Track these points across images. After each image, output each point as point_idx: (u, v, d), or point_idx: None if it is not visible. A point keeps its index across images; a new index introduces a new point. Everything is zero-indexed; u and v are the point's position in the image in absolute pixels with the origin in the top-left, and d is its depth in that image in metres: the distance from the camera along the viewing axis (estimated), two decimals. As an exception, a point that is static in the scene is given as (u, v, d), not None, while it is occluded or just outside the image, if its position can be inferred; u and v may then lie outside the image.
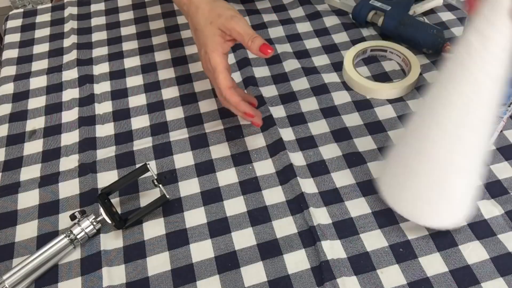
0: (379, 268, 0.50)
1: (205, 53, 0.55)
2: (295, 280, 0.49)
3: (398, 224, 0.53)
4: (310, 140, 0.62)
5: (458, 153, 0.44)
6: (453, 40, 0.75)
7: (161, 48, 0.77)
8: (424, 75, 0.69)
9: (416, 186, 0.48)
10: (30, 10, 0.87)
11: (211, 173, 0.59)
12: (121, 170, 0.60)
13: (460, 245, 0.51)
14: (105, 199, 0.54)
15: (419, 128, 0.45)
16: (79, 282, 0.50)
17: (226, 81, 0.52)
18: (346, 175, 0.58)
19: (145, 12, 0.84)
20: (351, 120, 0.64)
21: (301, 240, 0.52)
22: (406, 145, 0.48)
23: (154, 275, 0.51)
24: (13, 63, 0.76)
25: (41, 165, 0.61)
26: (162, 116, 0.66)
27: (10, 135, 0.65)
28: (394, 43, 0.72)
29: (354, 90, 0.68)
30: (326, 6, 0.83)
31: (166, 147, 0.62)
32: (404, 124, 0.61)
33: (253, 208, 0.55)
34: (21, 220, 0.56)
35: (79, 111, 0.67)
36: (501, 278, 0.49)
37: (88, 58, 0.76)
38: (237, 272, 0.50)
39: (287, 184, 0.57)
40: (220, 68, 0.52)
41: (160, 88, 0.70)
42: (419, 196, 0.49)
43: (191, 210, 0.56)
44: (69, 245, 0.52)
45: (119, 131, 0.65)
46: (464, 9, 0.49)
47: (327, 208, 0.55)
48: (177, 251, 0.52)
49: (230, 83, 0.52)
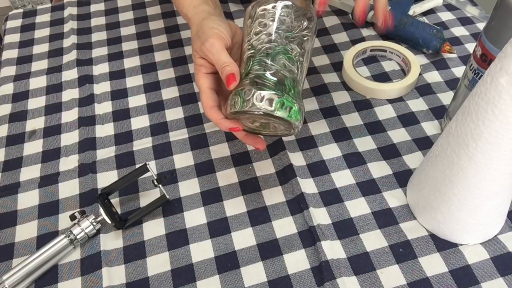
0: (379, 268, 0.50)
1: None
2: (295, 280, 0.49)
3: (398, 224, 0.53)
4: (310, 140, 0.62)
5: (488, 180, 0.45)
6: (453, 40, 0.75)
7: (160, 48, 0.77)
8: (424, 75, 0.69)
9: (448, 210, 0.49)
10: (30, 10, 0.87)
11: (211, 173, 0.59)
12: (121, 170, 0.60)
13: (460, 245, 0.51)
14: (105, 199, 0.54)
15: (450, 157, 0.46)
16: (79, 282, 0.50)
17: (207, 100, 0.51)
18: (346, 175, 0.58)
19: (145, 12, 0.84)
20: (351, 120, 0.64)
21: (301, 240, 0.52)
22: (436, 170, 0.49)
23: (154, 275, 0.51)
24: (13, 63, 0.76)
25: (41, 165, 0.61)
26: (162, 116, 0.66)
27: (10, 135, 0.65)
28: (394, 43, 0.72)
29: (354, 90, 0.68)
30: (326, 6, 0.83)
31: (166, 147, 0.62)
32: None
33: (253, 208, 0.55)
34: (21, 220, 0.56)
35: (79, 111, 0.67)
36: (501, 278, 0.49)
37: (88, 58, 0.76)
38: (237, 272, 0.50)
39: (287, 184, 0.57)
40: (203, 88, 0.52)
41: (160, 88, 0.70)
42: (451, 218, 0.50)
43: (191, 210, 0.56)
44: (69, 245, 0.52)
45: (119, 131, 0.65)
46: (355, 21, 0.50)
47: (327, 208, 0.55)
48: (177, 251, 0.52)
49: (211, 102, 0.51)
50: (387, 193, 0.56)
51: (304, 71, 0.51)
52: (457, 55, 0.72)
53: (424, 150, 0.60)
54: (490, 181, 0.45)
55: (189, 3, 0.58)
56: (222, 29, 0.52)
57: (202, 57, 0.52)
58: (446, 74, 0.70)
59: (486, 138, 0.42)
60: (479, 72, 0.52)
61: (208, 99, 0.51)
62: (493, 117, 0.40)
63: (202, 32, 0.52)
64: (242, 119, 0.49)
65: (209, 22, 0.53)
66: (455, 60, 0.72)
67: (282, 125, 0.48)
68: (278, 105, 0.45)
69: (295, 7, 0.50)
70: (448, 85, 0.68)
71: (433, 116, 0.64)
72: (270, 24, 0.49)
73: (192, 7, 0.58)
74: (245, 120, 0.49)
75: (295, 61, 0.49)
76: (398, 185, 0.57)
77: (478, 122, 0.42)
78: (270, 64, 0.48)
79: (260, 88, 0.46)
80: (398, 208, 0.55)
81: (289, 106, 0.46)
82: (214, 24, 0.52)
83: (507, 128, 0.40)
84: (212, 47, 0.50)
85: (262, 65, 0.48)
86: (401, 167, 0.58)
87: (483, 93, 0.41)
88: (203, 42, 0.51)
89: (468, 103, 0.43)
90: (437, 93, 0.67)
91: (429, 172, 0.50)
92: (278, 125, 0.48)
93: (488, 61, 0.50)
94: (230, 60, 0.49)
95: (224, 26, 0.53)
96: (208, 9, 0.57)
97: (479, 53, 0.51)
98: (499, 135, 0.41)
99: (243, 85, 0.47)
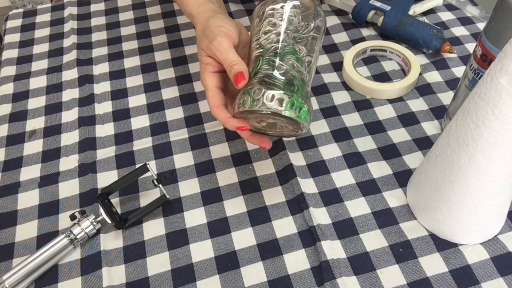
0: (379, 268, 0.50)
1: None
2: (295, 280, 0.49)
3: (398, 224, 0.53)
4: (310, 140, 0.62)
5: (488, 180, 0.45)
6: (453, 40, 0.75)
7: (161, 48, 0.77)
8: (424, 75, 0.69)
9: (448, 210, 0.49)
10: (30, 10, 0.87)
11: (211, 173, 0.59)
12: (121, 170, 0.60)
13: (460, 245, 0.51)
14: (105, 199, 0.54)
15: (450, 157, 0.46)
16: (79, 282, 0.50)
17: (214, 99, 0.51)
18: (346, 175, 0.58)
19: (145, 12, 0.84)
20: (351, 120, 0.64)
21: (301, 240, 0.52)
22: (436, 170, 0.49)
23: (154, 275, 0.51)
24: (13, 63, 0.76)
25: (41, 165, 0.61)
26: (162, 116, 0.66)
27: (10, 135, 0.65)
28: (394, 43, 0.72)
29: (354, 90, 0.68)
30: (326, 6, 0.83)
31: (166, 147, 0.62)
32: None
33: (253, 208, 0.55)
34: (21, 220, 0.56)
35: (79, 111, 0.67)
36: (501, 278, 0.49)
37: (88, 58, 0.76)
38: (237, 272, 0.50)
39: (287, 184, 0.57)
40: (209, 87, 0.51)
41: (160, 88, 0.70)
42: (451, 218, 0.49)
43: (191, 210, 0.56)
44: (69, 245, 0.52)
45: (119, 131, 0.65)
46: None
47: (327, 208, 0.55)
48: (177, 251, 0.52)
49: (218, 101, 0.51)
50: (387, 193, 0.56)
51: (312, 72, 0.50)
52: (457, 55, 0.72)
53: (424, 150, 0.60)
54: (490, 181, 0.45)
55: (194, 2, 0.58)
56: (229, 27, 0.52)
57: (209, 55, 0.52)
58: (446, 74, 0.70)
59: (486, 138, 0.42)
60: (479, 72, 0.52)
61: (215, 98, 0.51)
62: (493, 117, 0.40)
63: (209, 31, 0.52)
64: (249, 118, 0.48)
65: (215, 20, 0.53)
66: (455, 60, 0.72)
67: (290, 125, 0.47)
68: (288, 105, 0.45)
69: (303, 7, 0.50)
70: (448, 85, 0.68)
71: (433, 116, 0.64)
72: (280, 24, 0.49)
73: (197, 5, 0.57)
74: (252, 119, 0.49)
75: (303, 61, 0.49)
76: (398, 185, 0.57)
77: (478, 122, 0.42)
78: (279, 63, 0.47)
79: (270, 87, 0.45)
80: (398, 208, 0.55)
81: (299, 106, 0.45)
82: (221, 23, 0.52)
83: (507, 128, 0.40)
84: (220, 45, 0.50)
85: (271, 65, 0.47)
86: (401, 167, 0.58)
87: (483, 93, 0.41)
88: (210, 40, 0.51)
89: (468, 103, 0.43)
90: (437, 93, 0.67)
91: (429, 172, 0.50)
92: (286, 126, 0.48)
93: (488, 61, 0.50)
94: (238, 58, 0.49)
95: (231, 24, 0.52)
96: (213, 8, 0.57)
97: (479, 53, 0.51)
98: (499, 135, 0.41)
99: (252, 84, 0.47)
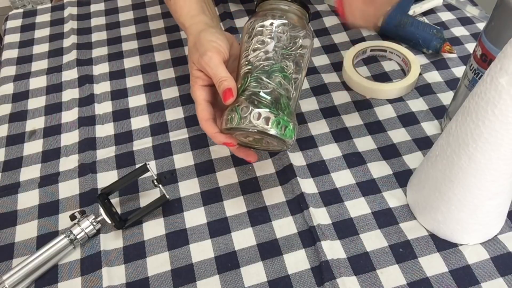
0: (379, 268, 0.50)
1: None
2: (295, 280, 0.49)
3: (398, 224, 0.53)
4: (310, 140, 0.62)
5: (488, 180, 0.45)
6: (453, 40, 0.75)
7: (161, 48, 0.77)
8: (424, 75, 0.69)
9: (448, 210, 0.49)
10: (30, 10, 0.87)
11: (211, 173, 0.59)
12: (121, 170, 0.60)
13: (460, 245, 0.51)
14: (105, 199, 0.54)
15: (450, 157, 0.46)
16: (79, 282, 0.50)
17: (203, 113, 0.51)
18: (346, 175, 0.58)
19: (145, 12, 0.84)
20: (351, 120, 0.64)
21: (301, 240, 0.52)
22: (436, 170, 0.49)
23: (154, 275, 0.51)
24: (13, 63, 0.76)
25: (41, 165, 0.61)
26: (162, 116, 0.66)
27: (10, 135, 0.65)
28: (394, 43, 0.72)
29: (354, 90, 0.68)
30: (326, 6, 0.83)
31: (166, 147, 0.62)
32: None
33: (253, 208, 0.55)
34: (21, 220, 0.56)
35: (79, 111, 0.67)
36: (501, 278, 0.49)
37: (88, 58, 0.76)
38: (237, 272, 0.50)
39: (287, 184, 0.57)
40: (199, 100, 0.52)
41: (160, 88, 0.70)
42: (451, 218, 0.49)
43: (191, 210, 0.56)
44: (69, 245, 0.52)
45: (119, 131, 0.65)
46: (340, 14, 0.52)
47: (327, 208, 0.55)
48: (177, 251, 0.52)
49: (207, 115, 0.51)
50: (387, 193, 0.56)
51: (299, 88, 0.52)
52: (457, 55, 0.72)
53: (424, 150, 0.60)
54: (490, 181, 0.45)
55: (187, 13, 0.58)
56: (220, 42, 0.52)
57: (199, 69, 0.53)
58: (446, 74, 0.70)
59: (486, 138, 0.42)
60: (479, 72, 0.52)
61: (204, 111, 0.52)
62: (493, 117, 0.40)
63: (200, 45, 0.52)
64: (236, 134, 0.50)
65: (207, 34, 0.53)
66: (455, 60, 0.72)
67: (276, 142, 0.49)
68: (274, 124, 0.47)
69: (291, 24, 0.51)
70: (448, 85, 0.68)
71: (433, 116, 0.64)
72: (269, 42, 0.50)
73: (190, 17, 0.58)
74: (239, 135, 0.50)
75: (290, 79, 0.50)
76: (398, 185, 0.57)
77: (478, 122, 0.42)
78: (267, 82, 0.49)
79: (257, 105, 0.47)
80: (398, 208, 0.55)
81: (285, 125, 0.47)
82: (213, 37, 0.53)
83: (507, 128, 0.40)
84: (210, 61, 0.51)
85: (259, 82, 0.49)
86: (401, 167, 0.58)
87: (483, 93, 0.41)
88: (201, 55, 0.51)
89: (468, 103, 0.43)
90: (437, 93, 0.67)
91: (429, 172, 0.50)
92: (271, 141, 0.50)
93: (488, 61, 0.50)
94: (227, 75, 0.50)
95: (222, 39, 0.53)
96: (206, 20, 0.57)
97: (479, 53, 0.51)
98: (499, 135, 0.41)
99: (239, 101, 0.48)
